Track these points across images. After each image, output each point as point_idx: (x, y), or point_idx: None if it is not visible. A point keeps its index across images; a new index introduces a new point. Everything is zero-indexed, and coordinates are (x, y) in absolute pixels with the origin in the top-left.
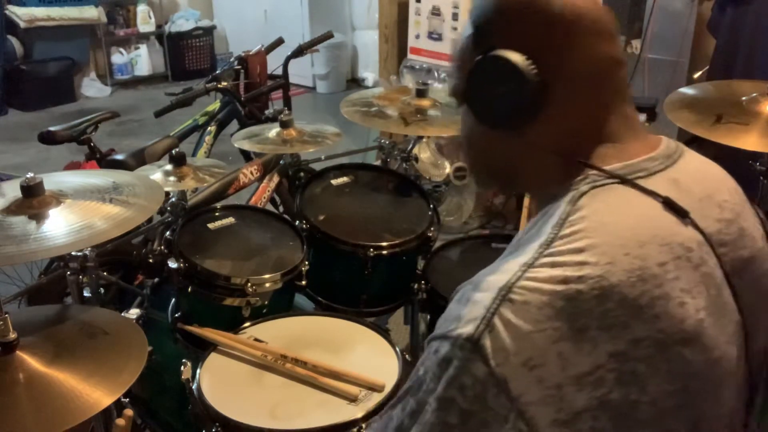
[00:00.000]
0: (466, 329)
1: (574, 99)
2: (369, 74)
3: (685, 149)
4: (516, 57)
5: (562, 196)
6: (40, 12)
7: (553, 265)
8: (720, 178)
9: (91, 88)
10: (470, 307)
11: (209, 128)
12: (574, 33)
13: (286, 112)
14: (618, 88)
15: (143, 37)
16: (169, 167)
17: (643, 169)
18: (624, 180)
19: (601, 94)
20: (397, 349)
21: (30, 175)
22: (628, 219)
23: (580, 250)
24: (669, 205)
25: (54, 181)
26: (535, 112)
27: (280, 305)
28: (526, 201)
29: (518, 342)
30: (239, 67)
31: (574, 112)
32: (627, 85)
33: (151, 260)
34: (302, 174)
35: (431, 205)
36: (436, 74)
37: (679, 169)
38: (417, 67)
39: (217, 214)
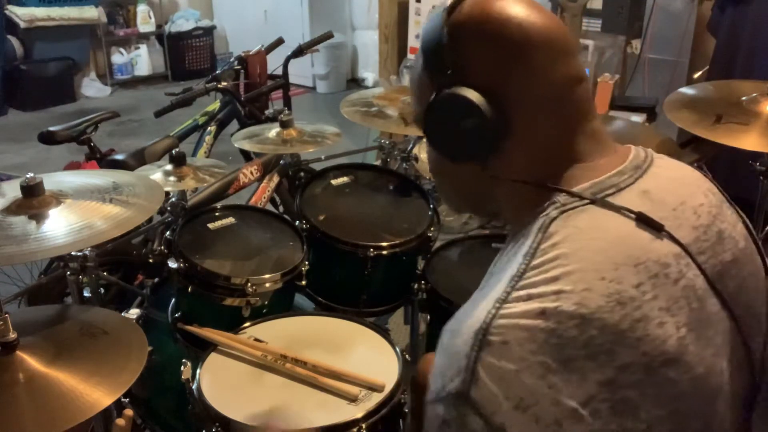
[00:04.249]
0: (453, 384)
1: (536, 125)
2: (369, 74)
3: (656, 156)
4: (471, 94)
5: (531, 223)
6: (40, 12)
7: (528, 298)
8: (693, 181)
9: (91, 88)
10: (452, 358)
11: (209, 128)
12: (528, 58)
13: (286, 112)
14: (580, 106)
15: (143, 37)
16: (169, 167)
17: (612, 185)
18: (593, 200)
19: (563, 116)
20: (397, 349)
21: (30, 175)
22: (601, 242)
23: (554, 279)
24: (643, 220)
25: (54, 181)
26: (496, 146)
27: (280, 305)
28: None
29: (506, 385)
30: (239, 67)
31: (536, 138)
32: (590, 101)
33: (151, 260)
34: (302, 174)
35: (431, 205)
36: None
37: (649, 180)
38: None
39: (217, 214)
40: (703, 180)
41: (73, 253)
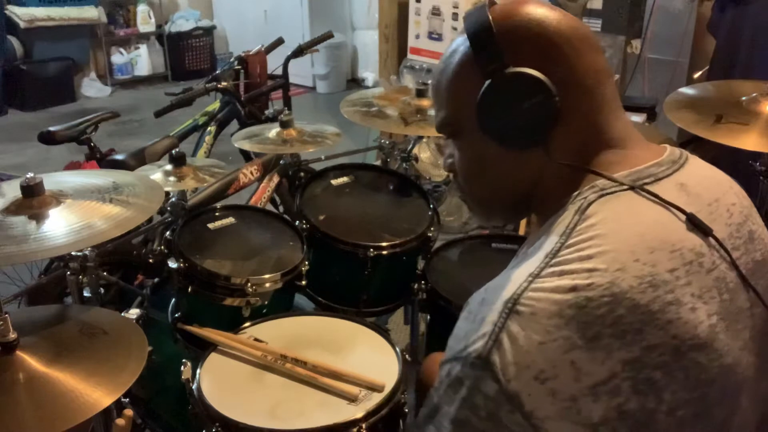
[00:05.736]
0: (475, 347)
1: (579, 109)
2: (369, 74)
3: (690, 155)
4: (535, 72)
5: (568, 204)
6: (40, 12)
7: (561, 274)
8: (725, 181)
9: (91, 88)
10: (478, 324)
11: (209, 128)
12: (572, 46)
13: (286, 112)
14: (613, 95)
15: (143, 37)
16: (169, 167)
17: (651, 174)
18: (633, 187)
19: (600, 102)
20: (397, 349)
21: (30, 175)
22: (638, 226)
23: (588, 258)
24: (683, 212)
25: (54, 181)
26: (555, 124)
27: (280, 305)
28: None
29: (528, 355)
30: (239, 67)
31: (580, 122)
32: (618, 97)
33: (151, 260)
34: (302, 174)
35: (431, 205)
36: None
37: (686, 174)
38: (417, 67)
39: (217, 214)
40: (734, 183)
41: (73, 253)
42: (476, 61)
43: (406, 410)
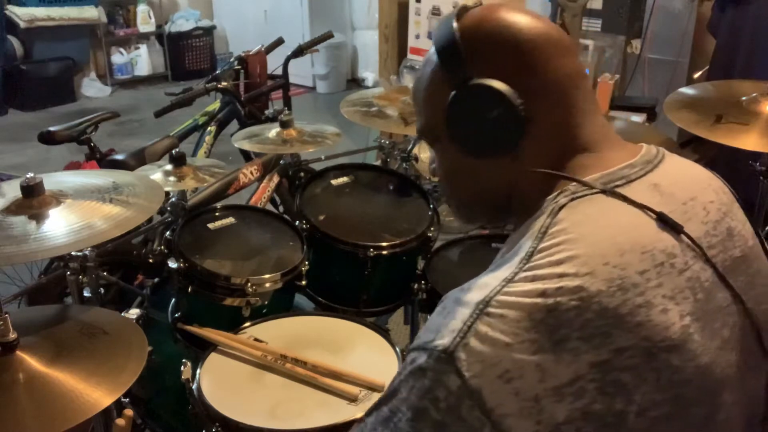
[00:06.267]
0: (443, 341)
1: (549, 115)
2: (369, 74)
3: (667, 153)
4: (497, 83)
5: (541, 209)
6: (40, 12)
7: (533, 279)
8: (704, 178)
9: (91, 88)
10: (449, 320)
11: (209, 128)
12: (541, 52)
13: (286, 112)
14: (587, 98)
15: (143, 37)
16: (169, 167)
17: (623, 176)
18: (604, 190)
19: (572, 106)
20: (397, 349)
21: (30, 175)
22: (609, 229)
23: (559, 262)
24: (652, 212)
25: (54, 181)
26: (522, 134)
27: (280, 305)
28: None
29: (495, 355)
30: (239, 67)
31: (550, 127)
32: (594, 96)
33: (151, 260)
34: (302, 174)
35: (431, 205)
36: None
37: (660, 174)
38: (417, 67)
39: (217, 214)
40: (714, 179)
41: (73, 253)
42: (444, 72)
43: None
